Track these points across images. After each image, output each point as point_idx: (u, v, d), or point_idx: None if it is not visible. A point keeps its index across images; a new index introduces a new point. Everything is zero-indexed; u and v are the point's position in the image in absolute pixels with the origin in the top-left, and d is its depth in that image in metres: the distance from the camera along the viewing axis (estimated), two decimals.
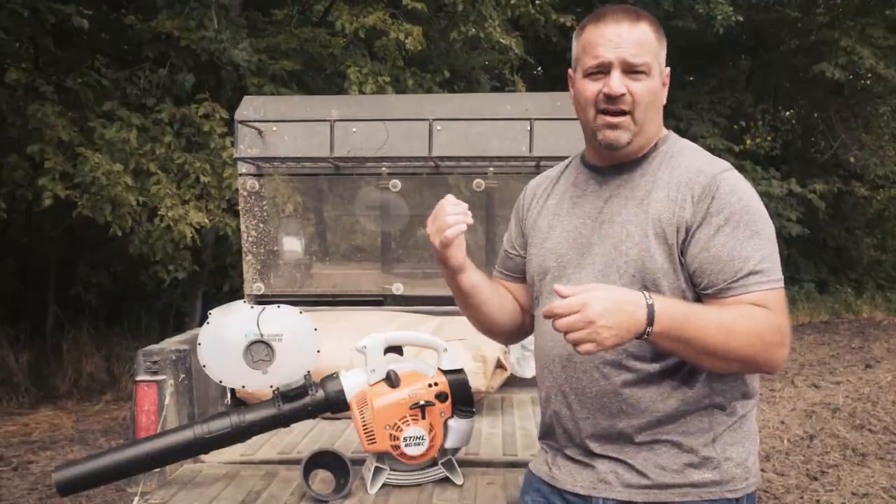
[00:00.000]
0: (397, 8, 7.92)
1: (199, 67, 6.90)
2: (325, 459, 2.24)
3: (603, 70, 1.50)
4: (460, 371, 2.24)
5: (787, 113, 15.57)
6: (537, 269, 1.65)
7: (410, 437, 2.14)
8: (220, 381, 2.25)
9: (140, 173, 6.06)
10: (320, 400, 2.24)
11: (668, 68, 1.58)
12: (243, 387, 2.24)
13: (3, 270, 8.64)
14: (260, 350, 2.21)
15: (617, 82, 1.48)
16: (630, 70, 1.48)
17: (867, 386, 7.38)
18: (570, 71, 1.62)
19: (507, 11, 8.74)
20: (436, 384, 2.18)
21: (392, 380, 2.17)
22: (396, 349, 2.30)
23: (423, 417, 2.15)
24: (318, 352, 2.27)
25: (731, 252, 1.43)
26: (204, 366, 2.23)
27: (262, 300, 3.36)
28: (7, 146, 6.35)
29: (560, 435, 1.60)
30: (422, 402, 2.14)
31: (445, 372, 2.23)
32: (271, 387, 2.24)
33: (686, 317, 1.34)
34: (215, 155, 6.31)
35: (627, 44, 1.48)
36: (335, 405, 2.24)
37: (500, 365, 2.92)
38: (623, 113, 1.50)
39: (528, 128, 3.16)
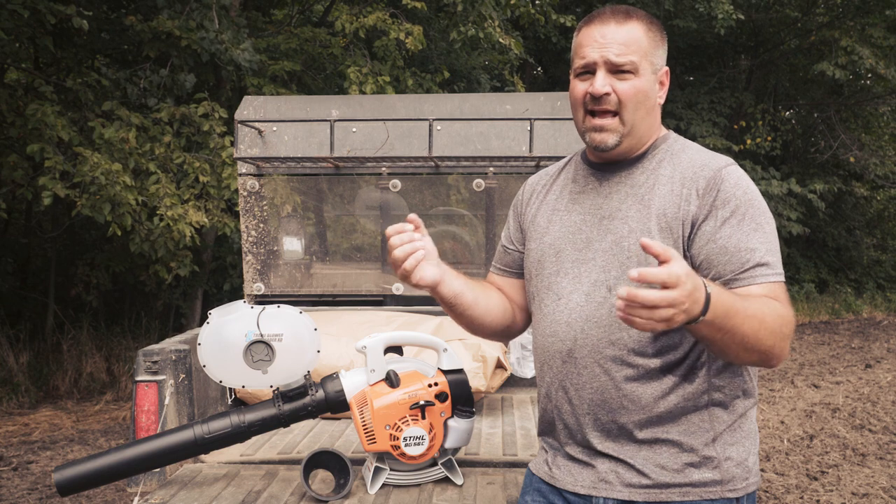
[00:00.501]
0: (397, 8, 7.93)
1: (199, 67, 6.91)
2: (325, 459, 2.24)
3: (589, 70, 1.51)
4: (460, 371, 2.24)
5: (787, 113, 15.59)
6: (535, 265, 1.65)
7: (410, 437, 2.14)
8: (220, 381, 2.25)
9: (139, 173, 6.07)
10: (320, 400, 2.24)
11: (667, 67, 1.58)
12: (243, 387, 2.24)
13: (2, 270, 8.64)
14: (260, 350, 2.21)
15: (601, 82, 1.49)
16: (615, 70, 1.49)
17: (867, 386, 7.39)
18: (570, 72, 1.63)
19: (507, 11, 8.75)
20: (436, 384, 2.18)
21: (392, 380, 2.17)
22: (396, 349, 2.30)
23: (423, 417, 2.15)
24: (318, 352, 2.27)
25: (737, 243, 1.44)
26: (204, 366, 2.23)
27: (262, 300, 3.37)
28: (7, 146, 6.35)
29: (561, 431, 1.60)
30: (422, 402, 2.14)
31: (445, 372, 2.23)
32: (271, 387, 2.24)
33: (732, 305, 1.31)
34: (214, 155, 6.31)
35: (612, 43, 1.49)
36: (335, 405, 2.24)
37: (500, 365, 2.92)
38: (610, 114, 1.51)
39: (528, 128, 3.16)
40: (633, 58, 1.49)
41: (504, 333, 1.79)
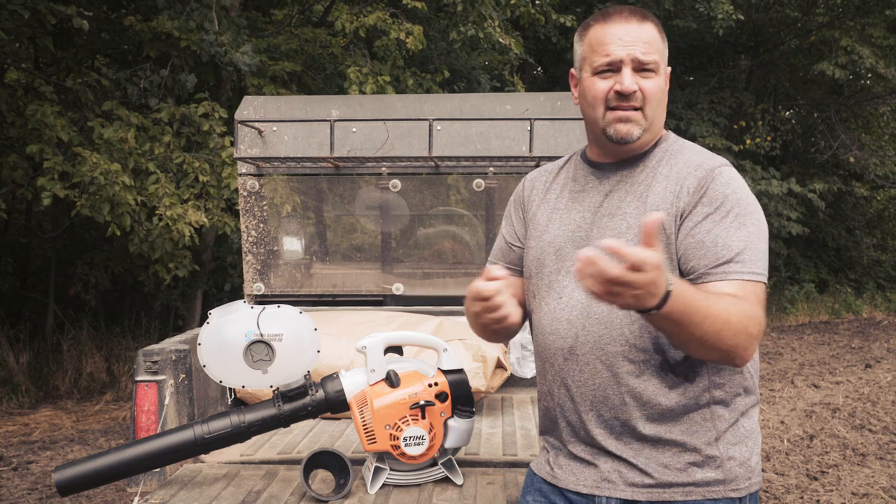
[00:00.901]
0: (397, 8, 7.93)
1: (199, 67, 6.91)
2: (325, 459, 2.24)
3: (613, 68, 1.52)
4: (460, 371, 2.24)
5: (787, 113, 15.58)
6: (535, 263, 1.65)
7: (410, 437, 2.14)
8: (220, 381, 2.25)
9: (139, 173, 6.07)
10: (320, 400, 2.24)
11: (669, 68, 1.60)
12: (243, 387, 2.24)
13: (2, 270, 8.64)
14: (260, 350, 2.20)
15: (629, 79, 1.50)
16: (640, 68, 1.51)
17: (867, 386, 7.39)
18: (572, 70, 1.62)
19: (507, 11, 8.75)
20: (436, 384, 2.18)
21: (392, 380, 2.17)
22: (396, 349, 2.30)
23: (423, 417, 2.15)
24: (318, 352, 2.27)
25: (714, 239, 1.45)
26: (204, 366, 2.23)
27: (262, 300, 3.37)
28: (7, 146, 6.35)
29: (564, 428, 1.60)
30: (422, 402, 2.14)
31: (445, 372, 2.22)
32: (271, 387, 2.24)
33: (693, 303, 1.33)
34: (214, 154, 6.31)
35: (637, 42, 1.50)
36: (335, 405, 2.24)
37: (500, 365, 2.92)
38: (634, 109, 1.52)
39: (528, 128, 3.16)
40: (655, 57, 1.52)
41: (511, 334, 1.78)
